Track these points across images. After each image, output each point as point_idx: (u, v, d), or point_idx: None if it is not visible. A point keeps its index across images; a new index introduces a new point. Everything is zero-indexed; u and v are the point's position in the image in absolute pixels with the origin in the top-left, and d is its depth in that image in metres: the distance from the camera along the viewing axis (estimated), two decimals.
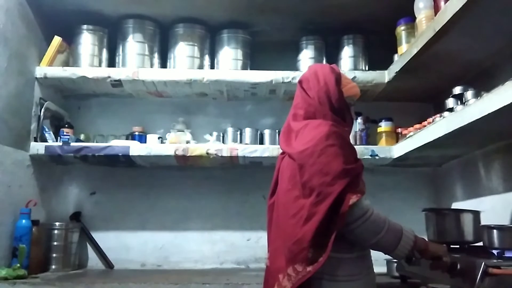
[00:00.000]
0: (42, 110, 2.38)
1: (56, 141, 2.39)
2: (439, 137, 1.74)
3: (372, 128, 2.51)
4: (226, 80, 2.39)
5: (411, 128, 2.15)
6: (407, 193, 2.62)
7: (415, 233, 1.39)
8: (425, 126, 1.96)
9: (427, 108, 2.56)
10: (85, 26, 2.50)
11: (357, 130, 2.45)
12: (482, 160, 2.10)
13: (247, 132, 2.58)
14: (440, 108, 2.06)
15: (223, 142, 2.55)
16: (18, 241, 2.09)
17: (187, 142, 2.48)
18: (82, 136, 2.55)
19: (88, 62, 2.48)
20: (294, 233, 1.30)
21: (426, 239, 1.52)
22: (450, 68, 2.06)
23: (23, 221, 2.12)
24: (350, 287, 1.34)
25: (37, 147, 2.30)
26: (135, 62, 2.47)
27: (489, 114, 1.37)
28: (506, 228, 1.58)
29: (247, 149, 2.34)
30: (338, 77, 1.54)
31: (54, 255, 2.32)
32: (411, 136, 2.08)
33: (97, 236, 2.56)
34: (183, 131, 2.55)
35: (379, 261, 1.91)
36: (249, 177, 2.62)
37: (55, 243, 2.33)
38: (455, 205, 2.36)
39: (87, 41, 2.50)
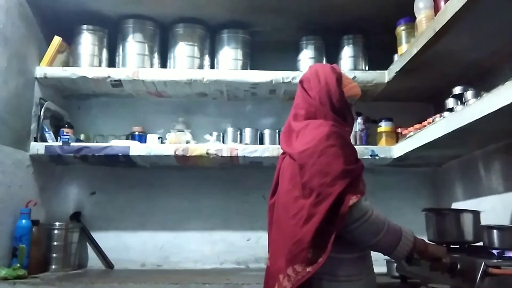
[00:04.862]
0: (42, 110, 2.38)
1: (56, 141, 2.38)
2: (439, 137, 1.73)
3: (372, 128, 2.51)
4: (226, 80, 2.39)
5: (411, 128, 2.15)
6: (407, 193, 2.61)
7: (415, 234, 1.39)
8: (425, 126, 1.96)
9: (427, 108, 2.56)
10: (85, 26, 2.50)
11: (357, 130, 2.45)
12: (482, 160, 2.10)
13: (247, 132, 2.58)
14: (440, 108, 2.06)
15: (223, 142, 2.55)
16: (18, 241, 2.09)
17: (187, 142, 2.47)
18: (82, 136, 2.55)
19: (88, 62, 2.48)
20: (294, 234, 1.30)
21: (426, 240, 1.52)
22: (450, 68, 2.06)
23: (23, 221, 2.12)
24: None
25: (37, 147, 2.30)
26: (135, 62, 2.47)
27: (489, 114, 1.37)
28: (506, 228, 1.58)
29: (247, 149, 2.33)
30: (339, 77, 1.54)
31: (54, 255, 2.32)
32: (411, 136, 2.08)
33: (97, 236, 2.56)
34: (183, 131, 2.54)
35: (379, 261, 1.91)
36: (249, 177, 2.62)
37: (55, 243, 2.33)
38: (455, 205, 2.36)
39: (87, 41, 2.50)
